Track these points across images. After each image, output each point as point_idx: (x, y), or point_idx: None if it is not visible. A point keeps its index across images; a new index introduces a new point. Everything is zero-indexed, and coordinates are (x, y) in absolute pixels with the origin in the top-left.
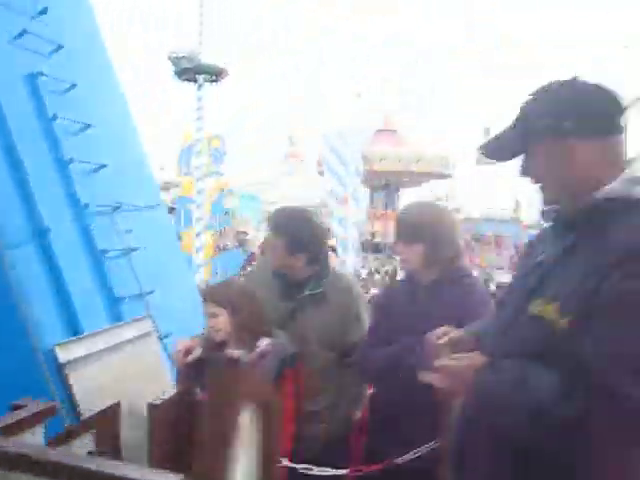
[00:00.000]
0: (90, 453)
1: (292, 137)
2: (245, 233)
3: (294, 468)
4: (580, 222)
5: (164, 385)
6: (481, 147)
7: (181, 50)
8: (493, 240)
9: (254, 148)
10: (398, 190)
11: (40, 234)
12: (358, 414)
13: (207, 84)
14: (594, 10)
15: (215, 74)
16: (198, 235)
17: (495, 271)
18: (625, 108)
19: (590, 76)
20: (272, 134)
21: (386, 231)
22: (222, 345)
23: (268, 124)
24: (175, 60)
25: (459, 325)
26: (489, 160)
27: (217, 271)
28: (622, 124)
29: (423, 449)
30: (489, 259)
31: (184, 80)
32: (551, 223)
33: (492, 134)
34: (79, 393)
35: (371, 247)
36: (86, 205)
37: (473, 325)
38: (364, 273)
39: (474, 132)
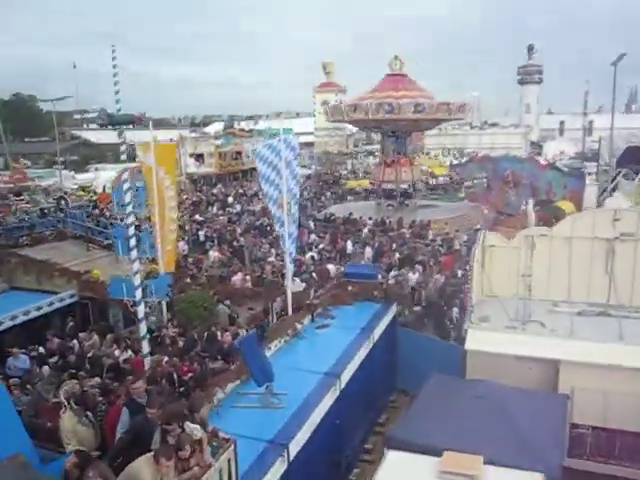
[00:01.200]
0: None
1: None
2: None
3: None
4: None
5: None
6: None
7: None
8: (511, 179)
9: None
10: (409, 136)
11: None
12: None
13: None
14: None
15: None
16: None
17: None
18: None
19: None
20: None
21: (398, 177)
22: None
23: None
24: None
25: None
26: None
27: None
28: None
29: None
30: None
31: None
32: None
33: None
34: None
35: (384, 194)
36: None
37: None
38: (370, 223)
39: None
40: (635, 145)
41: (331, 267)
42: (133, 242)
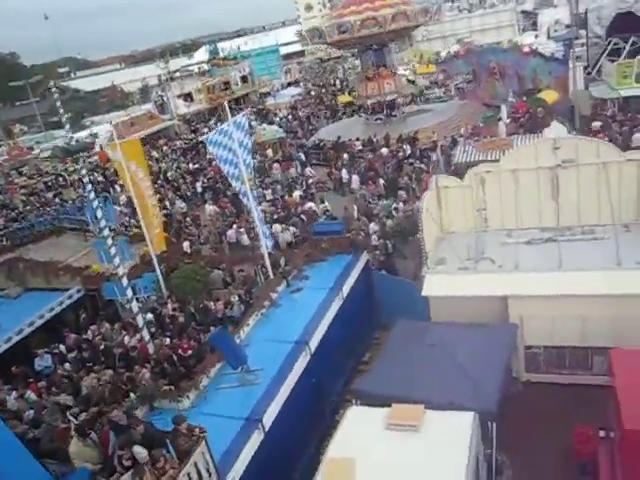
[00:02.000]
0: None
1: None
2: None
3: None
4: None
5: None
6: None
7: None
8: (497, 70)
9: None
10: (386, 46)
11: None
12: None
13: None
14: None
15: None
16: None
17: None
18: None
19: None
20: None
21: (381, 90)
22: None
23: None
24: None
25: None
26: None
27: None
28: None
29: None
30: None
31: None
32: None
33: None
34: None
35: (370, 109)
36: None
37: None
38: (359, 144)
39: None
40: (625, 11)
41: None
42: (113, 250)
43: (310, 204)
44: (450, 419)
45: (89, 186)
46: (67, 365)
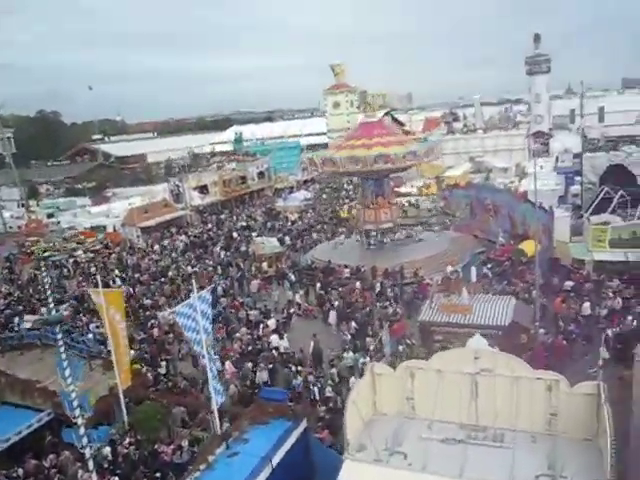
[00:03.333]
0: None
1: None
2: None
3: None
4: None
5: None
6: None
7: None
8: (492, 207)
9: None
10: (387, 177)
11: None
12: None
13: None
14: None
15: None
16: None
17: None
18: None
19: None
20: None
21: (377, 218)
22: None
23: None
24: None
25: None
26: None
27: None
28: None
29: None
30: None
31: None
32: None
33: None
34: None
35: (365, 235)
36: None
37: None
38: (347, 272)
39: None
40: (616, 163)
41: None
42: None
43: (274, 337)
44: None
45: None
46: None
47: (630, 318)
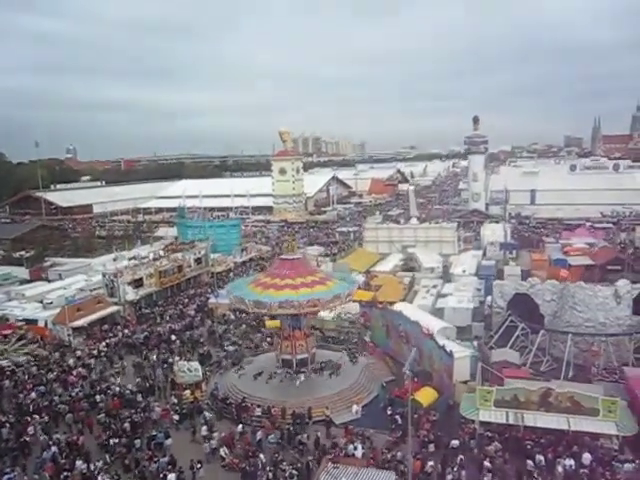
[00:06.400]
0: None
1: None
2: None
3: None
4: None
5: None
6: None
7: None
8: (404, 335)
9: None
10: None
11: None
12: None
13: None
14: None
15: None
16: None
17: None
18: None
19: None
20: None
21: (293, 350)
22: None
23: None
24: None
25: None
26: None
27: None
28: None
29: None
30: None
31: None
32: None
33: None
34: None
35: (282, 364)
36: None
37: None
38: (259, 411)
39: None
40: (522, 292)
41: None
42: None
43: None
44: None
45: None
46: None
47: None
